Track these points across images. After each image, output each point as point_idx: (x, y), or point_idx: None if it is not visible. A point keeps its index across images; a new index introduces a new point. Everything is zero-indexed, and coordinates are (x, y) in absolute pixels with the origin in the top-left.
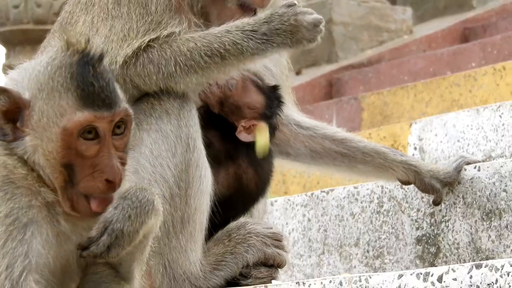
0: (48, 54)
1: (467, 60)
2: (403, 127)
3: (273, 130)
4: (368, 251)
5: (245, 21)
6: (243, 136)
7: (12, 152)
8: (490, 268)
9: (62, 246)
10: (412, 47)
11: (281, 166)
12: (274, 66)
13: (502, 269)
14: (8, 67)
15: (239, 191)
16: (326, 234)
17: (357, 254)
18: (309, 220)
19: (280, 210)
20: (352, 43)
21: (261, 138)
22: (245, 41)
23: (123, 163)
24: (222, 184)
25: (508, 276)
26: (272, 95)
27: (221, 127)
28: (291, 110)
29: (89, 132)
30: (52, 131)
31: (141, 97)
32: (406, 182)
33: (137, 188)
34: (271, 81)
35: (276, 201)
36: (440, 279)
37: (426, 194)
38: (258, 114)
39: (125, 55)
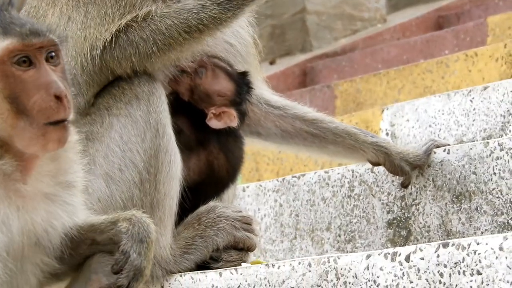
0: None
1: (441, 47)
2: (375, 113)
3: (243, 116)
4: (339, 235)
5: None
6: (214, 123)
7: None
8: (457, 246)
9: (24, 221)
10: (385, 36)
11: (254, 155)
12: (239, 43)
13: (468, 247)
14: None
15: (210, 177)
16: (298, 219)
17: (328, 239)
18: (280, 205)
19: (252, 196)
20: (326, 32)
21: None
22: (223, 14)
23: (65, 86)
24: (193, 171)
25: (474, 254)
26: (242, 81)
27: (191, 114)
28: (261, 89)
29: (24, 61)
30: None
31: (111, 81)
32: (376, 163)
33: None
34: (236, 61)
35: (248, 187)
36: (407, 258)
37: (397, 178)
38: (228, 101)
39: (104, 40)
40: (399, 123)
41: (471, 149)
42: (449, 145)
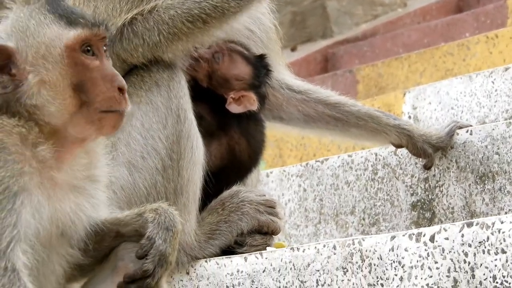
0: (13, 11)
1: (461, 30)
2: (397, 96)
3: (262, 99)
4: (364, 219)
5: None
6: (233, 108)
7: (12, 111)
8: (481, 226)
9: (54, 209)
10: (406, 20)
11: (277, 141)
12: (259, 30)
13: (492, 226)
14: None
15: (232, 162)
16: (322, 204)
17: (353, 222)
18: (304, 190)
19: (275, 181)
20: (347, 17)
21: None
22: (225, 3)
23: None
24: (215, 156)
25: (499, 233)
26: (259, 64)
27: (211, 100)
28: (283, 74)
29: (88, 50)
30: (56, 55)
31: (130, 70)
32: (398, 146)
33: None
34: (257, 47)
35: (271, 172)
36: (432, 238)
37: (420, 160)
38: (247, 85)
39: (110, 34)
40: (421, 106)
41: (493, 129)
42: (471, 126)
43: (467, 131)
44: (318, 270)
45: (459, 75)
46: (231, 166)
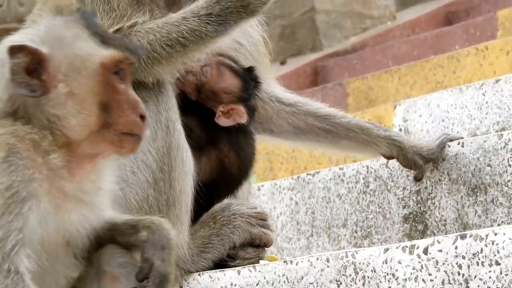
0: (46, 18)
1: (451, 42)
2: (387, 109)
3: (252, 112)
4: (356, 232)
5: (199, 5)
6: (223, 121)
7: (29, 116)
8: (475, 238)
9: (61, 219)
10: (395, 33)
11: (268, 154)
12: (248, 43)
13: (486, 238)
14: None
15: (222, 175)
16: (314, 217)
17: (345, 235)
18: (296, 203)
19: (267, 195)
20: (336, 30)
21: None
22: (202, 27)
23: None
24: (205, 170)
25: (492, 245)
26: (248, 77)
27: (200, 114)
28: (272, 87)
29: (117, 73)
30: (90, 71)
31: None
32: (389, 157)
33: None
34: (246, 60)
35: (263, 185)
36: (425, 251)
37: (411, 172)
38: (236, 98)
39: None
40: (412, 118)
41: (485, 141)
42: (462, 138)
43: (458, 143)
44: (312, 283)
45: (449, 88)
46: (221, 179)
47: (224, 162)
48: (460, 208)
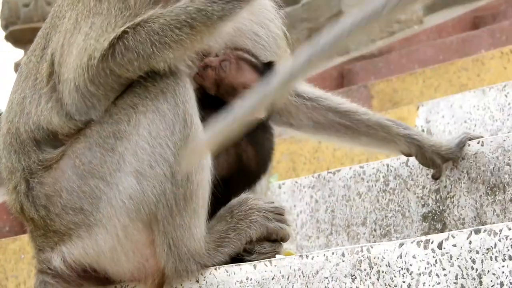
0: None
1: (476, 46)
2: (410, 110)
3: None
4: (375, 230)
5: None
6: None
7: None
8: (489, 232)
9: None
10: (422, 37)
11: (291, 154)
12: (267, 36)
13: (500, 233)
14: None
15: (240, 170)
16: (334, 215)
17: (364, 234)
18: (316, 201)
19: (287, 193)
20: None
21: None
22: (209, 5)
23: None
24: (222, 165)
25: (506, 239)
26: (267, 72)
27: (219, 109)
28: None
29: None
30: None
31: (133, 82)
32: (408, 155)
33: None
34: (265, 54)
35: (283, 183)
36: (440, 245)
37: (431, 171)
38: None
39: (102, 49)
40: (435, 119)
41: (504, 140)
42: (482, 137)
43: (478, 142)
44: (327, 278)
45: None
46: (239, 174)
47: (242, 157)
48: (478, 207)
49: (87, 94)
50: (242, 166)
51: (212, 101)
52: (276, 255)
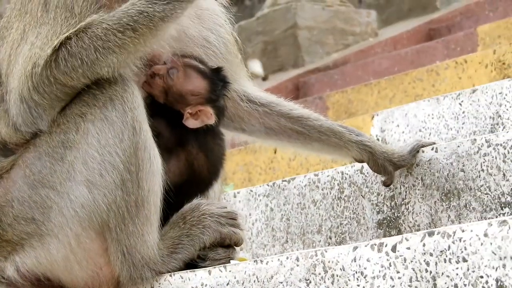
0: None
1: (431, 58)
2: (365, 119)
3: (221, 112)
4: (330, 237)
5: None
6: (191, 123)
7: None
8: (442, 235)
9: None
10: (377, 49)
11: (247, 165)
12: (217, 42)
13: (454, 235)
14: None
15: (192, 177)
16: (289, 223)
17: (319, 241)
18: (271, 209)
19: (243, 201)
20: (318, 47)
21: None
22: (149, 7)
23: None
24: (174, 172)
25: (460, 242)
26: (216, 78)
27: (168, 116)
28: (244, 86)
29: None
30: None
31: (81, 91)
32: (360, 161)
33: None
34: (216, 60)
35: (238, 192)
36: (394, 248)
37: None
38: (203, 99)
39: (46, 56)
40: (389, 128)
41: (458, 146)
42: (434, 143)
43: (432, 149)
44: (282, 282)
45: None
46: (190, 180)
47: (193, 164)
48: (433, 213)
49: (31, 104)
50: (193, 172)
51: (161, 109)
52: (231, 261)
